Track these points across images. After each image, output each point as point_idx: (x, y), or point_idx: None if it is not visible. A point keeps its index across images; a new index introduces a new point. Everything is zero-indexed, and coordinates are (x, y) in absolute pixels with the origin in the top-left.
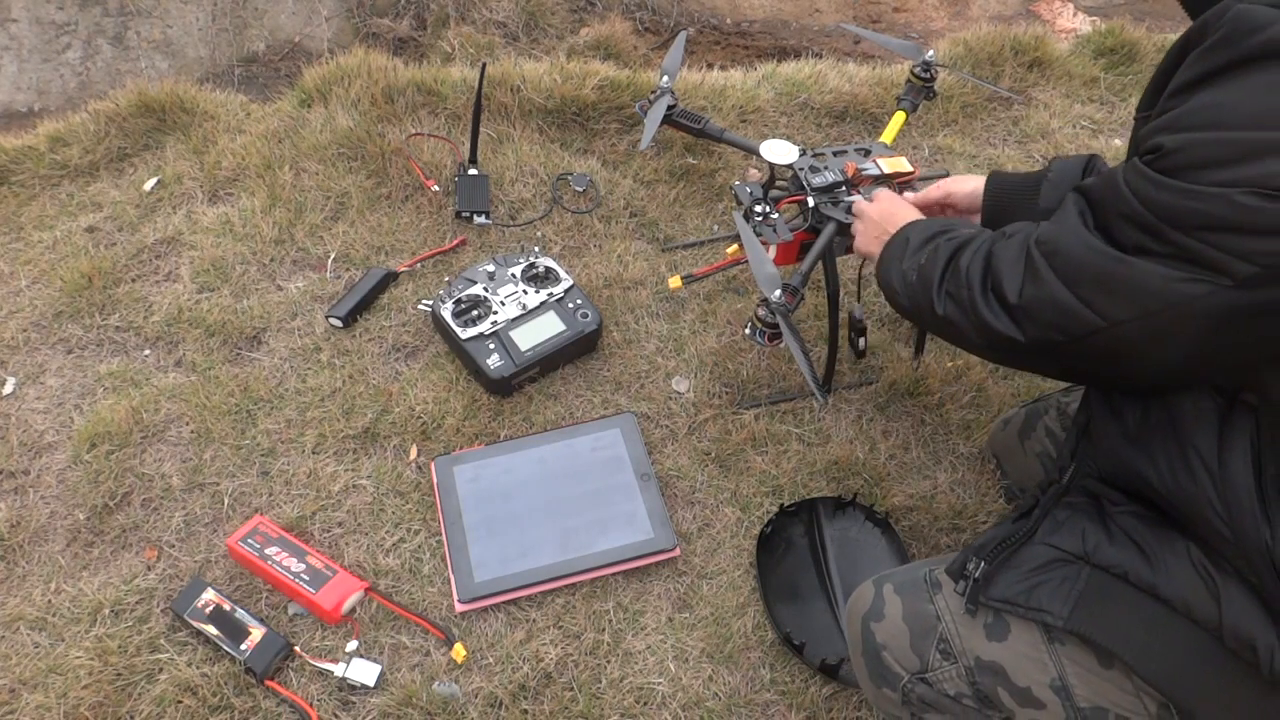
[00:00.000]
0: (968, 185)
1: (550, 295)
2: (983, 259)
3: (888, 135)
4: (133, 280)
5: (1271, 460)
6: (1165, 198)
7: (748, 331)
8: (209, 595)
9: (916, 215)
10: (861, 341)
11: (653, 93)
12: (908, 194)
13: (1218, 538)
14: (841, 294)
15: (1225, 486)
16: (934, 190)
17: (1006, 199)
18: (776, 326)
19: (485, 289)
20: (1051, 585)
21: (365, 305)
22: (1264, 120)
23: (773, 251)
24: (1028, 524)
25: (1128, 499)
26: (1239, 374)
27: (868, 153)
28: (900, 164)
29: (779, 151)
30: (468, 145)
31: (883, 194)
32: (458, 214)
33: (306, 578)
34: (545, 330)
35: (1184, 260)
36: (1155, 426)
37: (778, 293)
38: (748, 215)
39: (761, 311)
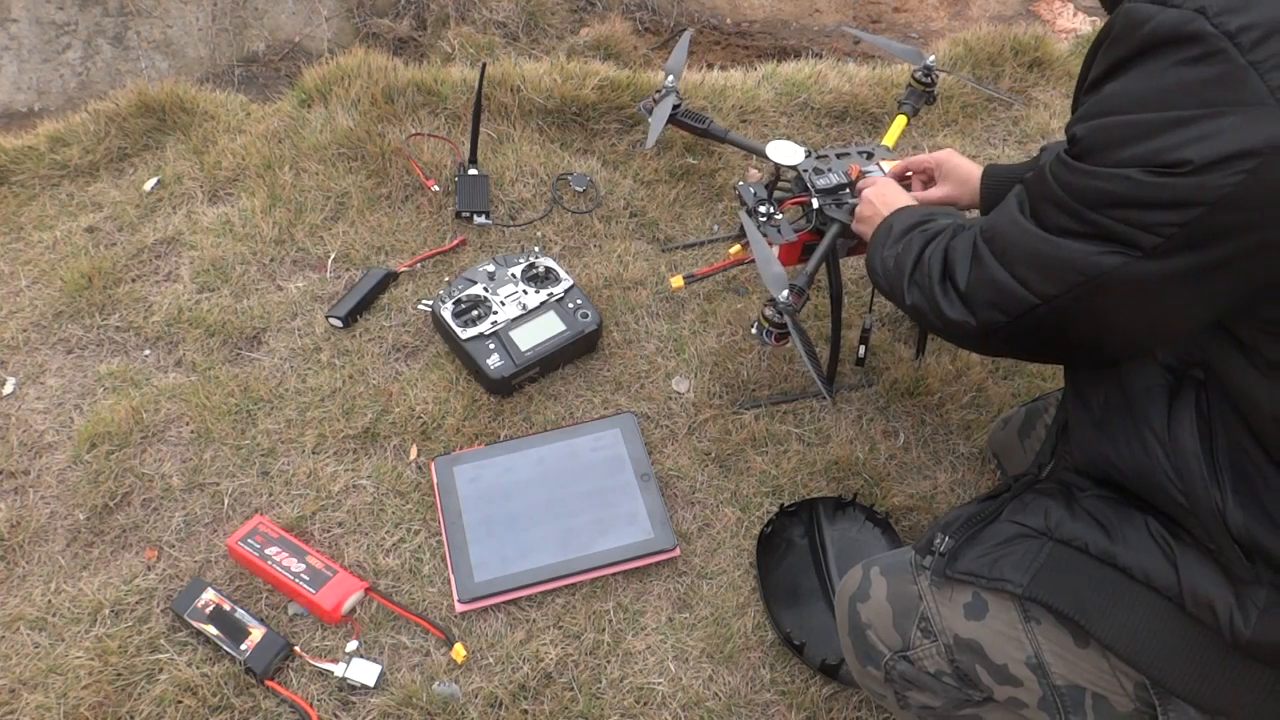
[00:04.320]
0: (966, 193)
1: (550, 295)
2: (942, 251)
3: (889, 139)
4: (133, 280)
5: (1221, 429)
6: (1078, 180)
7: (754, 331)
8: (209, 595)
9: (908, 202)
10: (862, 349)
11: (657, 92)
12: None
13: (1176, 507)
14: (844, 296)
15: (1175, 455)
16: (934, 194)
17: (1003, 190)
18: (784, 326)
19: (485, 289)
20: (1014, 557)
21: (365, 305)
22: (1149, 103)
23: (775, 252)
24: (994, 504)
25: (1095, 485)
26: (1186, 348)
27: (870, 155)
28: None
29: (785, 153)
30: (468, 145)
31: (883, 180)
32: (458, 214)
33: (306, 578)
34: (545, 330)
35: (1099, 237)
36: (1114, 408)
37: (785, 293)
38: (751, 215)
39: (769, 312)
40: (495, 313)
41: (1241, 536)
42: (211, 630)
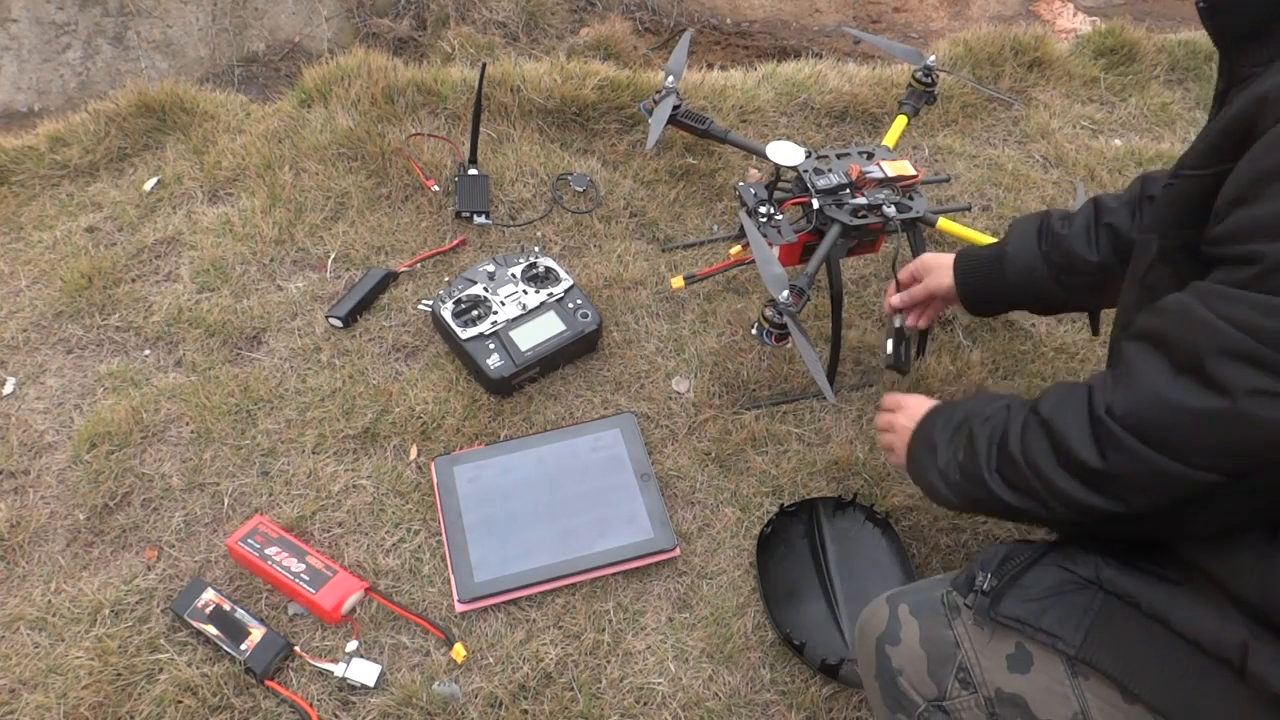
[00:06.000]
0: (945, 273)
1: (550, 295)
2: (1042, 439)
3: (890, 139)
4: (133, 280)
5: None
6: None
7: (754, 332)
8: (209, 595)
9: (927, 405)
10: (890, 344)
11: (657, 92)
12: (894, 301)
13: (1246, 599)
14: (844, 296)
15: (1268, 556)
16: (918, 290)
17: (977, 280)
18: (784, 327)
19: (485, 289)
20: (1063, 610)
21: (365, 305)
22: None
23: (775, 252)
24: (1038, 547)
25: (1151, 545)
26: None
27: (870, 155)
28: (903, 167)
29: (785, 153)
30: (468, 145)
31: (903, 400)
32: (458, 214)
33: (306, 578)
34: (545, 330)
35: None
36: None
37: (785, 293)
38: (751, 216)
39: (769, 312)
40: (495, 313)
41: None
42: (211, 630)
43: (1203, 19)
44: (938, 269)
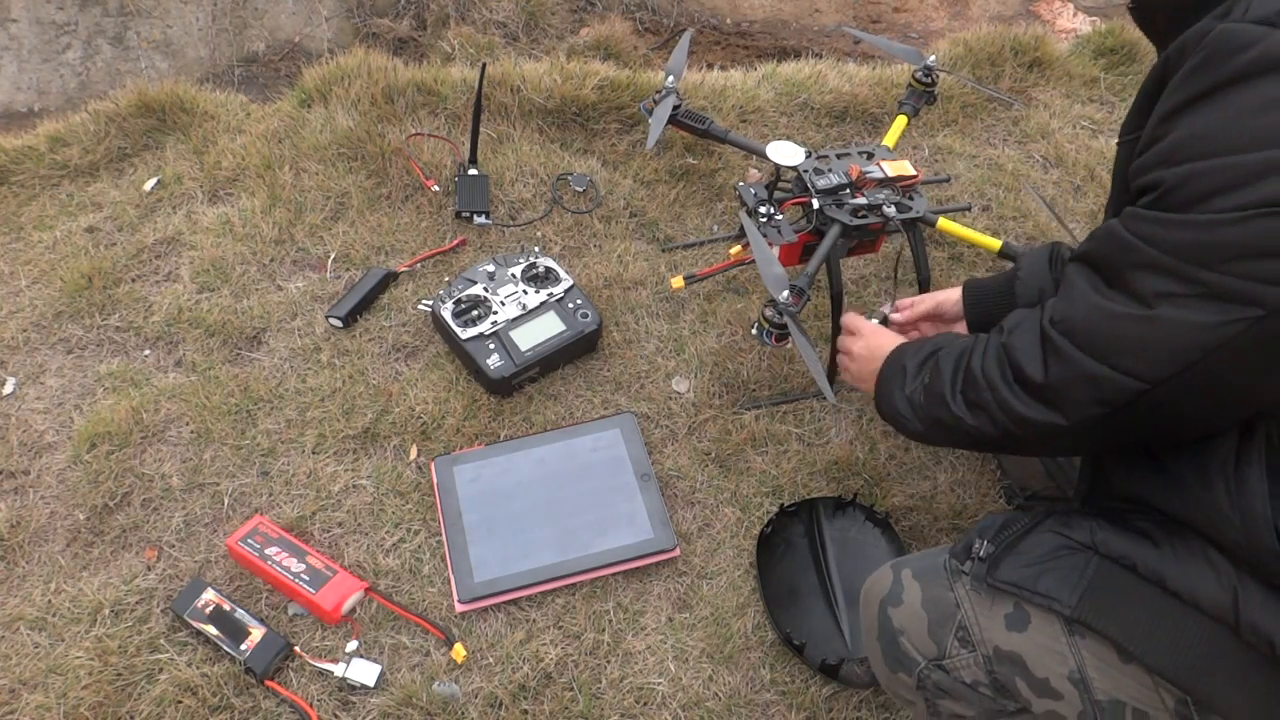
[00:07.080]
0: (954, 294)
1: (550, 295)
2: (995, 356)
3: (890, 139)
4: (133, 280)
5: None
6: (1179, 236)
7: (754, 332)
8: (209, 595)
9: (899, 341)
10: None
11: (658, 92)
12: (895, 316)
13: (1234, 545)
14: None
15: (1240, 495)
16: (923, 302)
17: (987, 304)
18: (784, 327)
19: (485, 289)
20: (1060, 573)
21: (365, 305)
22: (1264, 139)
23: (775, 252)
24: (1034, 515)
25: (1143, 509)
26: None
27: (870, 155)
28: (903, 167)
29: (786, 153)
30: (468, 145)
31: (861, 327)
32: (458, 214)
33: (306, 578)
34: (545, 330)
35: (1211, 298)
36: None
37: (785, 294)
38: (751, 216)
39: (769, 312)
40: (495, 313)
41: None
42: (211, 630)
43: (1132, 17)
44: (942, 291)
